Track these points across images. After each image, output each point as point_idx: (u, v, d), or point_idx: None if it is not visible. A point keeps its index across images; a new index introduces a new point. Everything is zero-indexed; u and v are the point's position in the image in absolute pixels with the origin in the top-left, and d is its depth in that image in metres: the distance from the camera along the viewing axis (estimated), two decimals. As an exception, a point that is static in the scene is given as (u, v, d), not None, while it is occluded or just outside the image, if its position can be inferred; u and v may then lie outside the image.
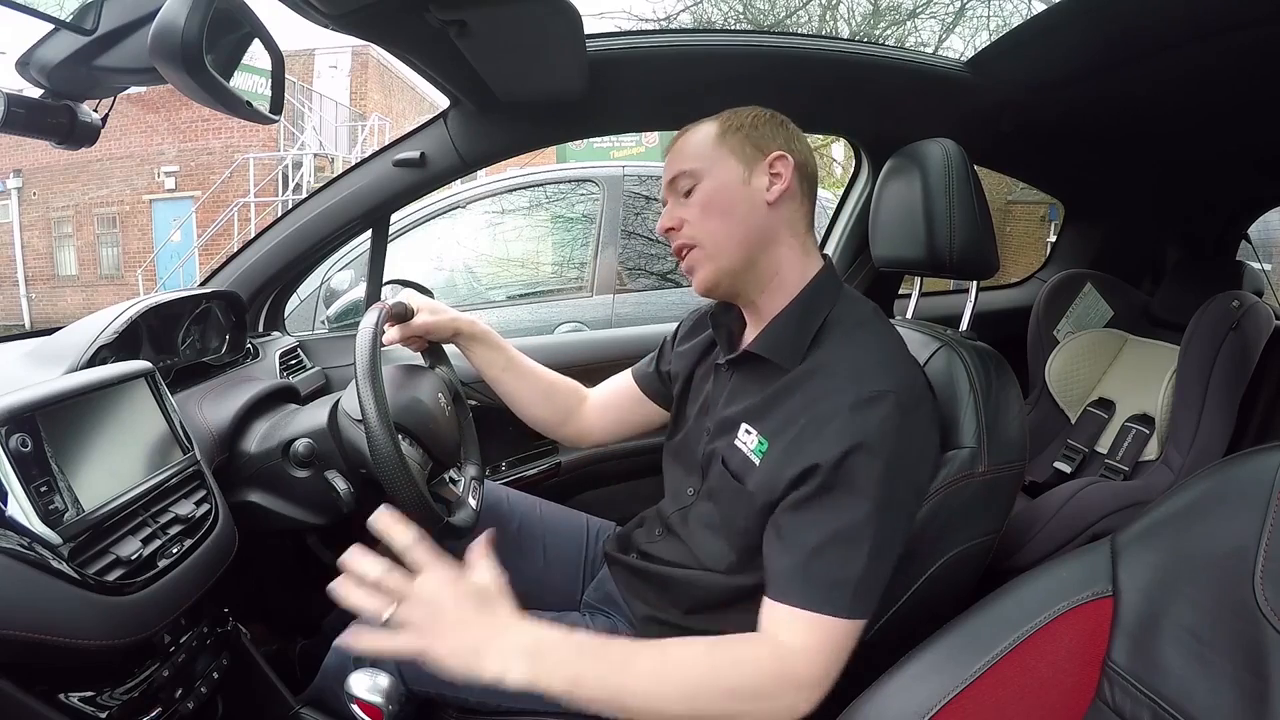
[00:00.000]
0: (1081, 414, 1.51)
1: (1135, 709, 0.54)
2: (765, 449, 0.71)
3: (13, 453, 0.62)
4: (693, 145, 0.77)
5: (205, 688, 0.79)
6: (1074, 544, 1.15)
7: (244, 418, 0.97)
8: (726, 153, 0.75)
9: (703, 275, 0.77)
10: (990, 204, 0.85)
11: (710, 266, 0.76)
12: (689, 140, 0.78)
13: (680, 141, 0.79)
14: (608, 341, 1.64)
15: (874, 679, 0.62)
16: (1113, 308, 1.57)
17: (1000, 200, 7.98)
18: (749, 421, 0.74)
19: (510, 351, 0.99)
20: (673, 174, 0.77)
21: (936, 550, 0.75)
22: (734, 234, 0.75)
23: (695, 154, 0.76)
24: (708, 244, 0.75)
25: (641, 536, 0.90)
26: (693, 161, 0.76)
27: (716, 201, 0.75)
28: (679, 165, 0.77)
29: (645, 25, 6.99)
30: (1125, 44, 1.01)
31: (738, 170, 0.75)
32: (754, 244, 0.75)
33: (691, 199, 0.76)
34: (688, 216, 0.76)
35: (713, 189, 0.75)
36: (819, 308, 0.75)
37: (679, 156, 0.77)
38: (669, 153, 0.80)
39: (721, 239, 0.75)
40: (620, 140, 6.98)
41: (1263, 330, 1.28)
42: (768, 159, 0.75)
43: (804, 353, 0.73)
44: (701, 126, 0.78)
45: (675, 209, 0.78)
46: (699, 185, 0.75)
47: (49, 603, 0.61)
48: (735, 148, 0.75)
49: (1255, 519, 0.51)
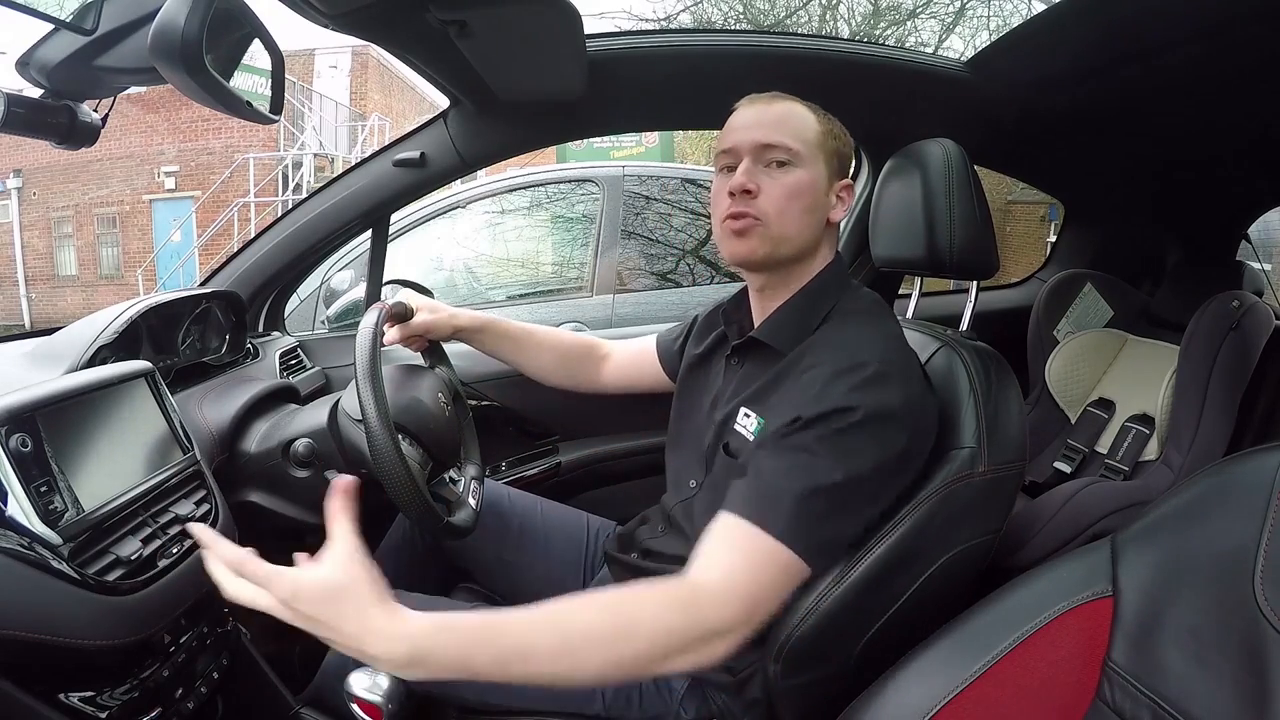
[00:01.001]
0: (1081, 414, 1.51)
1: (1135, 709, 0.54)
2: (762, 426, 0.73)
3: (13, 453, 0.62)
4: (798, 126, 0.75)
5: (205, 688, 0.79)
6: (1074, 544, 1.15)
7: (244, 418, 0.97)
8: (822, 154, 0.76)
9: (753, 246, 0.75)
10: (990, 204, 0.85)
11: (766, 244, 0.75)
12: (792, 115, 0.76)
13: (781, 109, 0.76)
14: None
15: (874, 679, 0.62)
16: (1113, 308, 1.57)
17: (1000, 200, 7.98)
18: (748, 405, 0.76)
19: (515, 330, 1.03)
20: (771, 140, 0.74)
21: (936, 550, 0.75)
22: (801, 232, 0.75)
23: (800, 135, 0.75)
24: (775, 227, 0.74)
25: (644, 533, 0.90)
26: (798, 143, 0.74)
27: (804, 194, 0.74)
28: (782, 137, 0.74)
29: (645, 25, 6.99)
30: (1125, 44, 1.01)
31: (825, 177, 0.76)
32: (806, 249, 0.77)
33: (781, 176, 0.74)
34: (769, 190, 0.74)
35: (808, 181, 0.75)
36: (825, 300, 0.77)
37: (782, 127, 0.75)
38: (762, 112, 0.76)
39: (791, 230, 0.75)
40: (620, 140, 6.98)
41: (1263, 330, 1.27)
42: (841, 182, 0.78)
43: (804, 337, 0.75)
44: (795, 106, 0.77)
45: (759, 174, 0.75)
46: (796, 168, 0.74)
47: (49, 603, 0.61)
48: (829, 155, 0.76)
49: (1255, 519, 0.51)
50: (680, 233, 2.64)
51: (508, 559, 0.99)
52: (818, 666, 0.72)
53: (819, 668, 0.73)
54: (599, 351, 1.07)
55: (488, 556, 1.00)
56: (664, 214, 2.64)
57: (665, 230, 2.63)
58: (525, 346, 1.03)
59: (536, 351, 1.04)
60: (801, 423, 0.66)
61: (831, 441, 0.65)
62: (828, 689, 0.74)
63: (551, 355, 1.04)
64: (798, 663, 0.69)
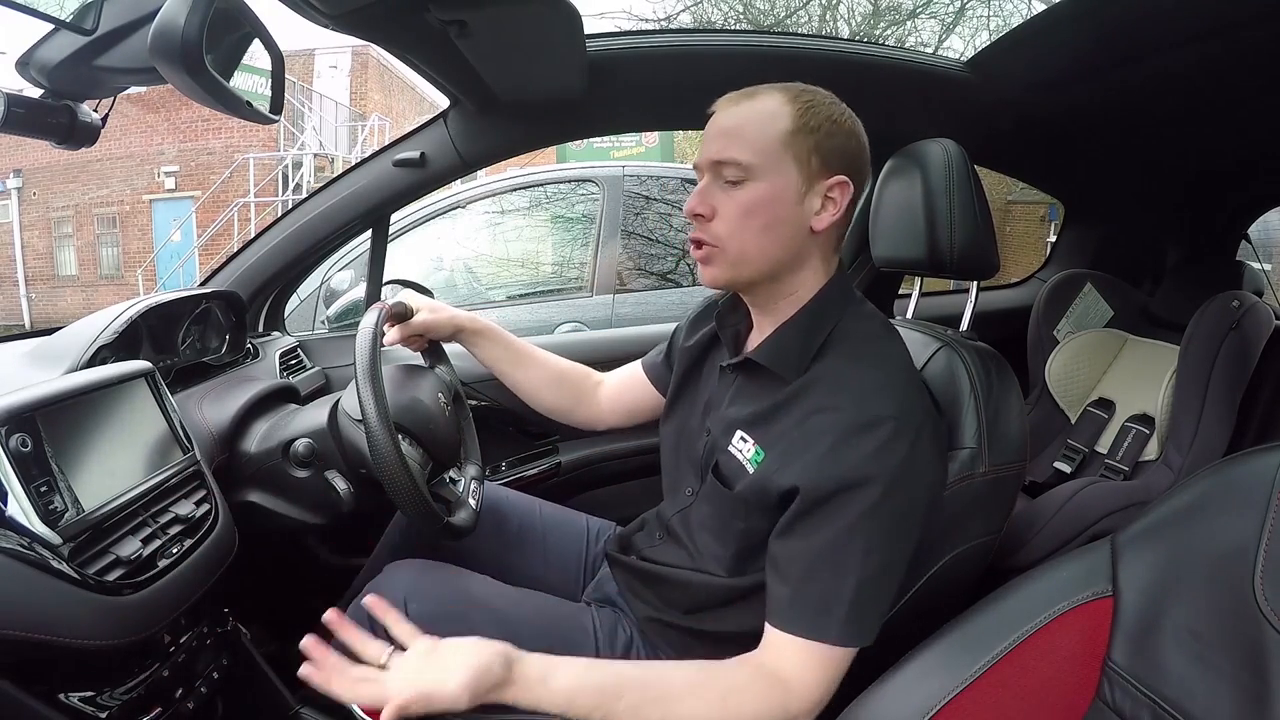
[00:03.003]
0: (1081, 414, 1.51)
1: (1135, 709, 0.54)
2: (762, 458, 0.70)
3: (13, 453, 0.62)
4: (755, 131, 0.67)
5: (205, 688, 0.79)
6: (1074, 544, 1.15)
7: (244, 418, 0.97)
8: (790, 158, 0.66)
9: (714, 274, 0.71)
10: (990, 204, 0.85)
11: (727, 271, 0.70)
12: (751, 121, 0.67)
13: (740, 115, 0.68)
14: (608, 341, 1.64)
15: (874, 679, 0.62)
16: (1113, 308, 1.57)
17: (1000, 200, 7.98)
18: (746, 429, 0.72)
19: (515, 343, 1.00)
20: (721, 156, 0.67)
21: (937, 551, 0.75)
22: (766, 250, 0.69)
23: (756, 144, 0.66)
24: (733, 250, 0.69)
25: (642, 540, 0.90)
26: (750, 153, 0.66)
27: (761, 211, 0.67)
28: (732, 150, 0.67)
29: (645, 25, 6.99)
30: (1125, 44, 1.01)
31: (795, 184, 0.67)
32: (782, 264, 0.70)
33: (735, 194, 0.67)
34: (723, 211, 0.68)
35: (763, 197, 0.67)
36: (826, 319, 0.72)
37: (735, 138, 0.67)
38: (721, 121, 0.69)
39: (751, 251, 0.68)
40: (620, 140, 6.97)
41: (1263, 330, 1.28)
42: (829, 181, 0.68)
43: (807, 364, 0.71)
44: (768, 103, 0.67)
45: (712, 194, 0.69)
46: (749, 183, 0.67)
47: (49, 603, 0.61)
48: (801, 155, 0.67)
49: (1255, 519, 0.51)
50: (680, 233, 2.64)
51: (507, 559, 0.99)
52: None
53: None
54: (592, 379, 1.03)
55: (487, 557, 1.00)
56: (664, 214, 2.64)
57: (665, 230, 2.63)
58: (522, 360, 0.99)
59: (531, 367, 0.99)
60: (819, 500, 0.64)
61: (857, 529, 0.63)
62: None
63: (545, 375, 1.00)
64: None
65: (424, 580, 0.82)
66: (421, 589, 0.79)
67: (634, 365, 1.02)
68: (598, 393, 1.02)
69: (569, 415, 1.01)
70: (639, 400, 1.00)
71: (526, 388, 1.00)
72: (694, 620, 0.79)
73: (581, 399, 1.01)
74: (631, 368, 1.03)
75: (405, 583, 0.80)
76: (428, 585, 0.81)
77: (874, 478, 0.62)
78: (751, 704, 0.63)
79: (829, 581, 0.63)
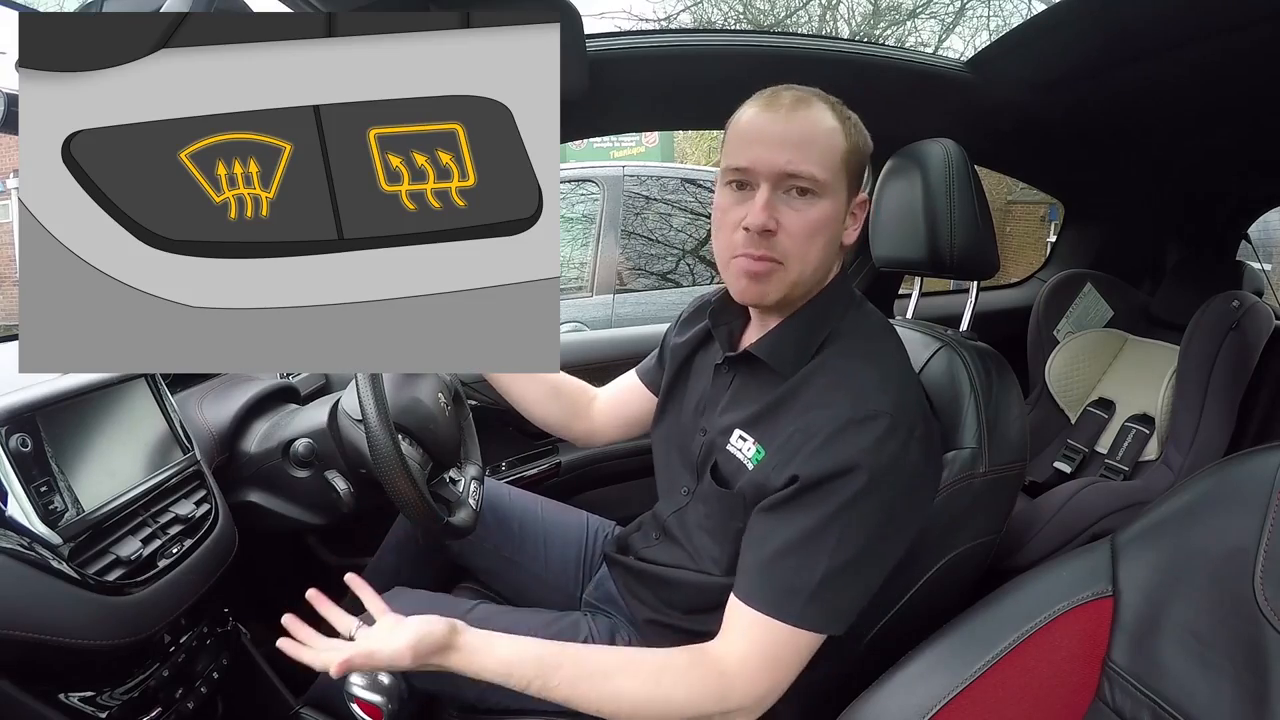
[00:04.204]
0: (1081, 414, 1.51)
1: (1135, 709, 0.54)
2: (762, 456, 0.70)
3: (13, 453, 0.62)
4: (824, 147, 0.65)
5: (205, 688, 0.79)
6: (1074, 544, 1.15)
7: (244, 418, 0.97)
8: (845, 177, 0.67)
9: (765, 290, 0.69)
10: (990, 204, 0.85)
11: (782, 288, 0.69)
12: (818, 135, 0.65)
13: (807, 127, 0.65)
14: (608, 341, 1.64)
15: (874, 679, 0.62)
16: (1113, 308, 1.57)
17: (1000, 200, 7.97)
18: (745, 428, 0.72)
19: None
20: (795, 168, 0.64)
21: (937, 551, 0.75)
22: (819, 269, 0.69)
23: (826, 161, 0.65)
24: (794, 268, 0.67)
25: (638, 541, 0.90)
26: (822, 169, 0.65)
27: (826, 228, 0.67)
28: (808, 165, 0.64)
29: (645, 25, 7.00)
30: (1125, 44, 1.01)
31: (845, 203, 0.68)
32: (819, 279, 0.71)
33: (805, 209, 0.66)
34: (790, 227, 0.66)
35: (831, 213, 0.67)
36: (826, 317, 0.72)
37: (809, 151, 0.64)
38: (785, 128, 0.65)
39: (810, 269, 0.68)
40: (620, 140, 6.96)
41: (1263, 330, 1.28)
42: (859, 198, 0.70)
43: (805, 361, 0.71)
44: (823, 117, 0.66)
45: (782, 208, 0.65)
46: (820, 199, 0.66)
47: (49, 603, 0.61)
48: (850, 175, 0.68)
49: (1255, 519, 0.51)
50: (680, 233, 2.64)
51: (508, 558, 0.99)
52: (818, 667, 0.72)
53: (819, 668, 0.73)
54: (588, 394, 1.02)
55: (488, 556, 1.00)
56: (664, 214, 2.65)
57: (665, 230, 2.63)
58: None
59: (526, 378, 0.97)
60: (804, 487, 0.63)
61: (836, 517, 0.62)
62: (828, 689, 0.74)
63: (540, 386, 0.98)
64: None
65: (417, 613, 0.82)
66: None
67: (629, 375, 1.01)
68: (593, 408, 1.01)
69: (564, 429, 1.00)
70: (638, 410, 0.98)
71: (522, 398, 0.98)
72: (694, 621, 0.79)
73: (577, 413, 0.99)
74: (627, 378, 1.01)
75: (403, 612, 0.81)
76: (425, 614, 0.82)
77: (862, 465, 0.62)
78: (686, 687, 0.63)
79: (801, 562, 0.63)
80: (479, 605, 0.86)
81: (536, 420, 0.99)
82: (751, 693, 0.63)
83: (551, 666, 0.64)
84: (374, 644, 0.64)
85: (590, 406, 1.01)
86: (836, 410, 0.65)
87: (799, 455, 0.65)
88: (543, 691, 0.64)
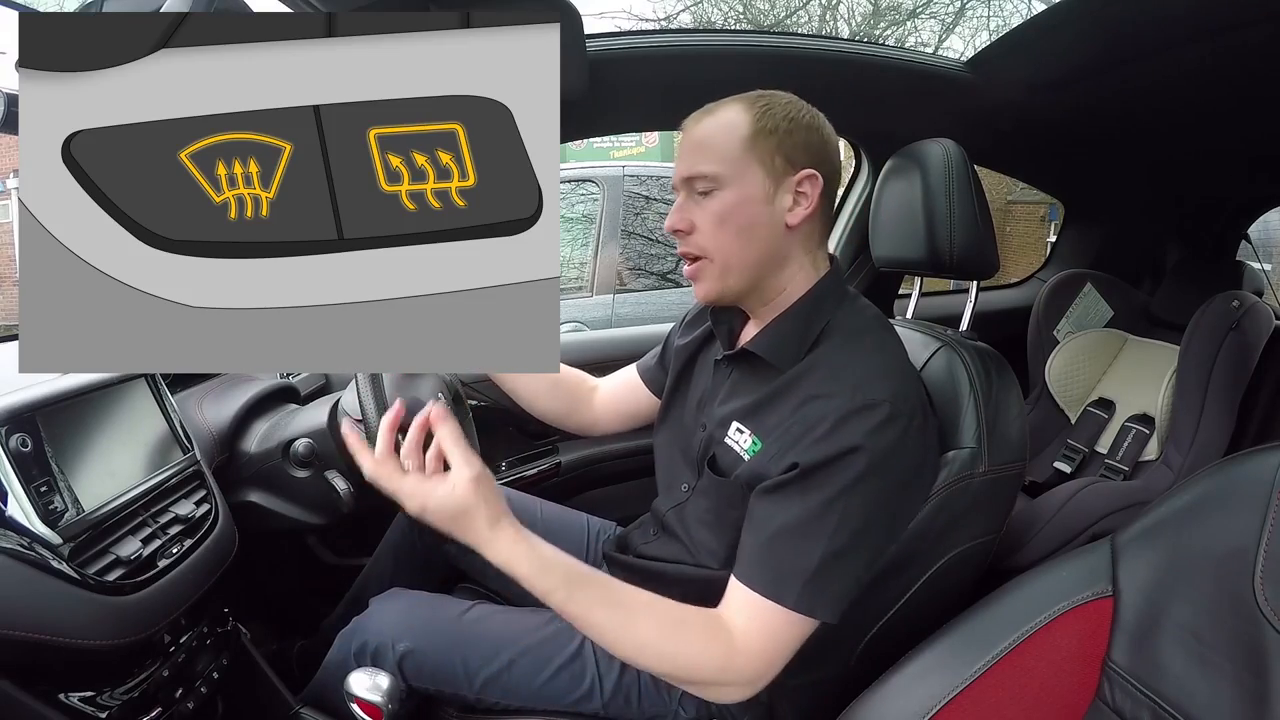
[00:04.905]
0: (1081, 414, 1.51)
1: (1135, 709, 0.54)
2: (759, 448, 0.70)
3: (13, 453, 0.62)
4: (718, 142, 0.69)
5: (205, 688, 0.79)
6: (1074, 544, 1.15)
7: (244, 418, 0.97)
8: (754, 161, 0.69)
9: (707, 288, 0.73)
10: (990, 204, 0.85)
11: (717, 282, 0.72)
12: (714, 133, 0.70)
13: (703, 131, 0.71)
14: (608, 341, 1.64)
15: (874, 679, 0.62)
16: (1113, 308, 1.57)
17: (1000, 200, 7.98)
18: (742, 420, 0.73)
19: None
20: (690, 172, 0.70)
21: (937, 551, 0.75)
22: (748, 254, 0.71)
23: (719, 155, 0.69)
24: (718, 258, 0.71)
25: (637, 538, 0.90)
26: (715, 164, 0.69)
27: (734, 216, 0.69)
28: (698, 165, 0.70)
29: (645, 25, 7.00)
30: (1125, 44, 1.01)
31: (762, 185, 0.69)
32: (766, 265, 0.72)
33: (707, 204, 0.70)
34: (700, 223, 0.71)
35: (733, 202, 0.69)
36: (822, 312, 0.73)
37: (700, 152, 0.70)
38: (688, 139, 0.72)
39: (734, 256, 0.71)
40: (620, 140, 6.97)
41: (1263, 330, 1.28)
42: (796, 176, 0.70)
43: (802, 355, 0.72)
44: (727, 114, 0.70)
45: (688, 209, 0.72)
46: (718, 192, 0.69)
47: (49, 603, 0.61)
48: (764, 157, 0.69)
49: (1255, 519, 0.51)
50: (680, 233, 2.63)
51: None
52: (818, 667, 0.72)
53: (819, 668, 0.73)
54: (587, 384, 1.03)
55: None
56: (664, 214, 2.62)
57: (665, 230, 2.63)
58: None
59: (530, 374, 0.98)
60: (803, 471, 0.64)
61: (835, 500, 0.63)
62: (828, 689, 0.74)
63: (543, 381, 0.99)
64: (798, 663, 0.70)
65: (415, 614, 0.83)
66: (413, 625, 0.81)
67: (629, 369, 1.02)
68: (593, 398, 1.02)
69: (564, 420, 1.01)
70: (635, 405, 1.00)
71: (521, 391, 0.99)
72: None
73: (576, 404, 1.01)
74: (626, 372, 1.02)
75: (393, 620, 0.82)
76: (420, 618, 0.82)
77: (863, 449, 0.63)
78: (699, 643, 0.64)
79: (800, 545, 0.64)
80: (477, 605, 0.86)
81: (537, 413, 1.00)
82: (749, 669, 0.64)
83: (579, 583, 0.65)
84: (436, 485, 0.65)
85: (590, 397, 1.02)
86: (836, 401, 0.65)
87: (799, 444, 0.66)
88: (562, 605, 0.64)
